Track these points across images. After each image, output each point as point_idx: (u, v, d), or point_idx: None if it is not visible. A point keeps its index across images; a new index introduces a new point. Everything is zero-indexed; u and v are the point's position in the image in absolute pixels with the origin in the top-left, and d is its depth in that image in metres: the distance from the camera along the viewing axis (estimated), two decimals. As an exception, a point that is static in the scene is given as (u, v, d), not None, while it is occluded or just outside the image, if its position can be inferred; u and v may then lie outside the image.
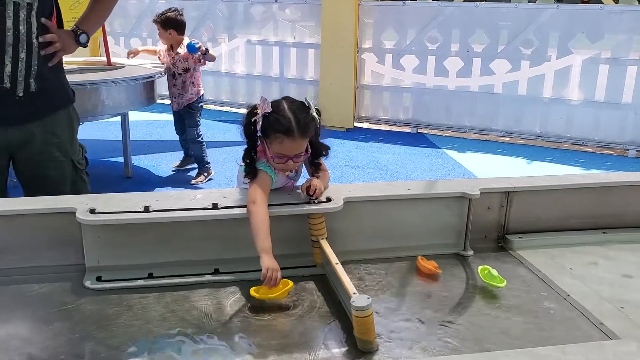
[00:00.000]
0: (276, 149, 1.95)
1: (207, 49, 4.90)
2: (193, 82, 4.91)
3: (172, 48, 4.90)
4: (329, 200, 1.98)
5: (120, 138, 5.01)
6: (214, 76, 7.61)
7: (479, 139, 6.42)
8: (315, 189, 1.97)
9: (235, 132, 6.45)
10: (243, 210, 1.91)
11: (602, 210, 2.27)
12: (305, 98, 2.02)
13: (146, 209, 1.86)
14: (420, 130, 6.72)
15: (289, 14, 7.16)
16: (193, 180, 5.00)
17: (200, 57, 4.83)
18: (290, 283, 1.79)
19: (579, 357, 1.27)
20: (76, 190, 2.40)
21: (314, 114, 1.98)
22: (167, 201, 1.94)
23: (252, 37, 7.35)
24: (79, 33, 2.40)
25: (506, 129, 6.32)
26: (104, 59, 5.30)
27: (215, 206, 1.90)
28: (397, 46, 6.64)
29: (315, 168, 2.08)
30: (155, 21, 4.95)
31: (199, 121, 5.05)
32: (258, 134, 1.98)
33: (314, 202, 1.95)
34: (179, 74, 4.83)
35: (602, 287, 1.88)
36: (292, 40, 7.12)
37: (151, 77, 4.67)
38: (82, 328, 1.63)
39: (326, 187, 2.07)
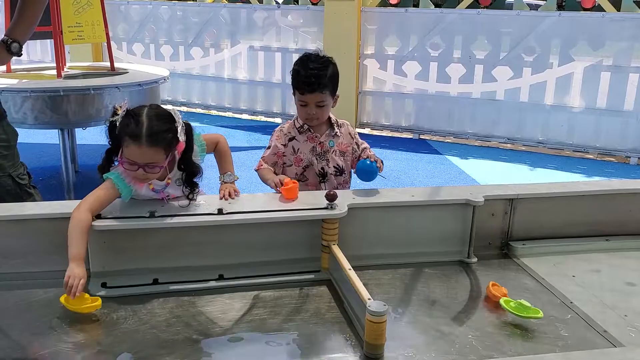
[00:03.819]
0: (125, 153, 1.84)
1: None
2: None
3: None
4: (332, 207, 1.97)
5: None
6: (216, 82, 7.62)
7: (481, 146, 6.42)
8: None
9: (237, 138, 6.47)
10: (248, 216, 1.92)
11: (605, 217, 2.28)
12: (175, 109, 1.92)
13: (151, 215, 1.87)
14: (422, 137, 6.72)
15: (291, 20, 7.17)
16: None
17: None
18: (99, 301, 1.70)
19: (583, 364, 1.27)
20: None
21: (178, 127, 1.86)
22: (172, 207, 1.95)
23: (254, 43, 7.36)
24: (9, 43, 2.36)
25: (508, 135, 6.32)
26: (108, 64, 5.31)
27: (220, 212, 1.91)
28: (400, 52, 6.65)
29: (191, 189, 1.95)
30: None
31: None
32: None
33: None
34: (331, 174, 2.44)
35: (605, 295, 1.88)
36: (295, 46, 7.13)
37: (155, 82, 4.67)
38: (87, 334, 1.64)
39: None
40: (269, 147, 2.42)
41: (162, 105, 1.95)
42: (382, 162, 2.30)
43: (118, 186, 1.88)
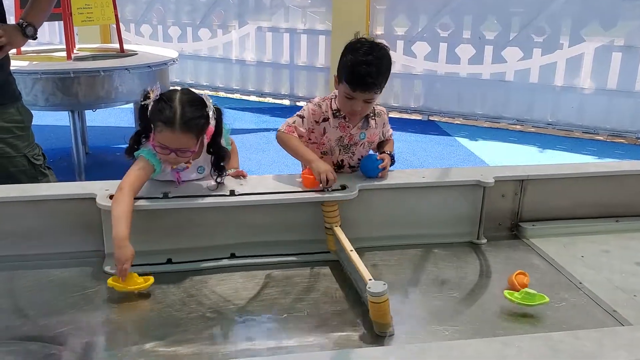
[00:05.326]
0: (158, 137, 1.86)
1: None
2: None
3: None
4: (344, 187, 1.99)
5: (133, 125, 5.04)
6: (224, 63, 7.61)
7: (490, 127, 6.40)
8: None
9: (245, 120, 6.47)
10: (259, 197, 1.93)
11: (615, 198, 2.28)
12: (206, 95, 1.93)
13: (165, 196, 1.89)
14: (431, 118, 6.70)
15: (299, 1, 7.13)
16: None
17: None
18: (151, 279, 1.74)
19: (592, 342, 1.29)
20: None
21: (210, 112, 1.90)
22: (185, 188, 1.97)
23: (262, 23, 7.33)
24: (24, 26, 2.36)
25: (517, 117, 6.30)
26: (117, 45, 5.31)
27: (232, 193, 1.93)
28: (409, 33, 6.61)
29: (219, 172, 1.97)
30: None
31: None
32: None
33: (327, 190, 1.97)
34: (352, 167, 2.28)
35: (614, 275, 1.89)
36: (303, 26, 7.09)
37: (164, 64, 4.68)
38: (102, 313, 1.67)
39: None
40: (300, 116, 2.18)
41: (191, 90, 1.96)
42: (392, 159, 2.18)
43: (152, 161, 1.92)
